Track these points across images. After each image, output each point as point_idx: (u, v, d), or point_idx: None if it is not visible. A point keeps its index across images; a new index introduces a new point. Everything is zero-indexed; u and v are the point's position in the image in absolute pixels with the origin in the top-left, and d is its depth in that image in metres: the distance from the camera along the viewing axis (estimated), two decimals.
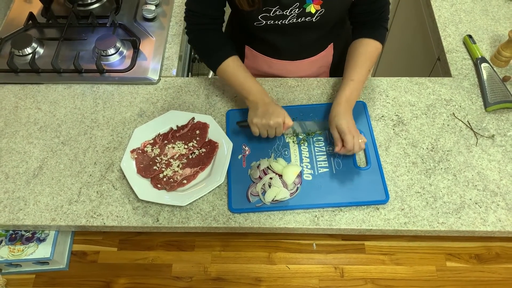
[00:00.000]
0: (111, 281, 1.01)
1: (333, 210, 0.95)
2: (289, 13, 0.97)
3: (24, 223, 0.95)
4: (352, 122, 0.97)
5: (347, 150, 0.95)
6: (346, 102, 0.98)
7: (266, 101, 0.99)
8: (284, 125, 0.97)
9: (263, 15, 0.97)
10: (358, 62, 1.01)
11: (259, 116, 0.96)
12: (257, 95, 1.00)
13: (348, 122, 0.95)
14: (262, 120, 0.96)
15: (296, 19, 0.99)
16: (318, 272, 1.01)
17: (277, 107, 0.98)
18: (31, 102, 1.15)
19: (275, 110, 0.97)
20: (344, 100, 0.98)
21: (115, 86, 1.18)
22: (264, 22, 0.99)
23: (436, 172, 1.00)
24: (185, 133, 1.06)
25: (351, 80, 1.00)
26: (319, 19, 1.00)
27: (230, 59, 1.03)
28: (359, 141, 0.95)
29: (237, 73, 1.02)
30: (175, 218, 0.95)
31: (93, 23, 1.31)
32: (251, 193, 0.97)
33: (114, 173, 1.02)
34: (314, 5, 0.96)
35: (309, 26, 1.02)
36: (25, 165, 1.04)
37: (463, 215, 0.94)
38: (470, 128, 1.07)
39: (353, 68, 1.01)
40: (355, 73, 1.00)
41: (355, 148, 0.94)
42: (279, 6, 0.95)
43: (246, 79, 1.02)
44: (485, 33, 1.26)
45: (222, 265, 1.02)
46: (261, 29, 1.03)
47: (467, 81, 1.16)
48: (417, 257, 1.02)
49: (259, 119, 0.96)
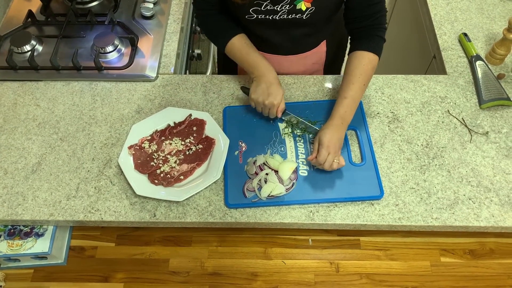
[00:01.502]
0: (109, 276, 1.02)
1: (328, 206, 0.96)
2: (279, 9, 0.98)
3: (22, 218, 0.97)
4: (337, 142, 0.96)
5: (318, 162, 0.96)
6: (339, 118, 0.98)
7: (270, 80, 1.02)
8: (278, 108, 1.01)
9: (254, 9, 0.99)
10: (352, 78, 1.00)
11: (258, 93, 1.01)
12: (262, 71, 1.03)
13: (332, 138, 0.95)
14: (259, 98, 1.01)
15: (287, 15, 1.00)
16: (313, 267, 1.02)
17: (277, 89, 1.01)
18: (30, 99, 1.16)
19: (274, 91, 1.01)
20: (337, 116, 0.98)
21: (113, 83, 1.19)
22: (255, 16, 1.01)
23: (431, 168, 1.01)
24: (182, 129, 1.07)
25: (344, 98, 0.99)
26: (309, 17, 1.01)
27: (236, 37, 1.06)
28: (333, 160, 0.94)
29: (243, 49, 1.06)
30: (172, 214, 0.96)
31: (91, 21, 1.32)
32: (247, 189, 0.98)
33: (112, 169, 1.03)
34: (304, 3, 0.97)
35: (300, 23, 1.03)
36: (23, 161, 1.05)
37: (457, 210, 0.95)
38: (464, 125, 1.08)
39: (347, 84, 1.00)
40: (349, 90, 0.99)
41: (326, 164, 0.94)
42: (270, 1, 0.96)
43: (252, 54, 1.05)
44: (480, 31, 1.27)
45: (219, 260, 1.03)
46: (253, 23, 1.05)
47: (462, 79, 1.17)
48: (411, 253, 1.03)
49: (256, 96, 1.01)
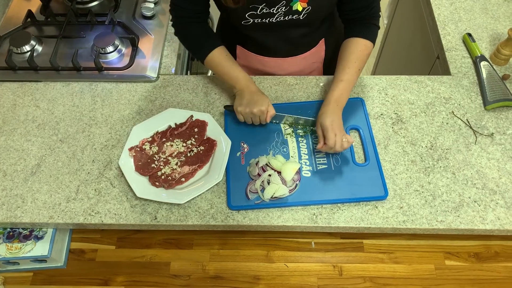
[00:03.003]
0: (109, 279, 1.01)
1: (331, 208, 0.95)
2: (276, 11, 0.97)
3: (21, 220, 0.95)
4: (338, 122, 0.96)
5: (328, 147, 0.95)
6: (334, 102, 0.98)
7: (252, 90, 1.02)
8: (268, 114, 1.00)
9: (250, 13, 0.98)
10: (348, 62, 1.01)
11: (244, 104, 1.00)
12: (243, 83, 1.03)
13: (333, 121, 0.95)
14: (246, 109, 1.00)
15: (284, 17, 0.99)
16: (316, 271, 1.00)
17: (261, 96, 1.01)
18: (29, 99, 1.15)
19: (259, 99, 1.00)
20: (332, 101, 0.98)
21: (114, 84, 1.18)
22: (252, 21, 1.00)
23: (435, 170, 1.00)
24: (184, 131, 1.05)
25: (340, 80, 1.00)
26: (306, 17, 1.00)
27: (216, 50, 1.05)
28: (342, 140, 0.94)
29: (223, 63, 1.05)
30: (173, 216, 0.95)
31: (91, 21, 1.30)
32: (250, 190, 0.96)
33: (112, 171, 1.02)
34: (300, 3, 0.96)
35: (297, 24, 1.03)
36: (23, 163, 1.03)
37: (462, 213, 0.94)
38: (469, 126, 1.07)
39: (342, 68, 1.01)
40: (344, 73, 1.00)
41: (337, 145, 0.94)
42: (266, 4, 0.95)
43: (232, 68, 1.05)
44: (484, 32, 1.26)
45: (221, 263, 1.02)
46: (250, 28, 1.04)
47: (466, 80, 1.16)
48: (416, 256, 1.01)
49: (243, 107, 1.00)
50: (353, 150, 1.02)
